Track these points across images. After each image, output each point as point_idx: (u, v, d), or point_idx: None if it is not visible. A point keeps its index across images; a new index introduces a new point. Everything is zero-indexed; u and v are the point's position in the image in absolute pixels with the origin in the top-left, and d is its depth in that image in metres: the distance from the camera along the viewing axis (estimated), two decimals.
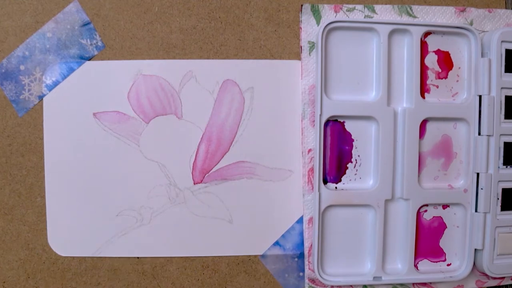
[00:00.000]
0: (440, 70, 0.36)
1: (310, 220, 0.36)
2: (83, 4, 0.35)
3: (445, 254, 0.37)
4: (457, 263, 0.37)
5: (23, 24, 0.35)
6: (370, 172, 0.36)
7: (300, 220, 0.36)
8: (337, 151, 0.36)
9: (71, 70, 0.35)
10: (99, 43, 0.35)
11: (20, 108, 0.35)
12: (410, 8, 0.36)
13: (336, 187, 0.36)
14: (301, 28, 0.36)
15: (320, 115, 0.34)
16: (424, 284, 0.37)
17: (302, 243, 0.36)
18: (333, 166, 0.36)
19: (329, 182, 0.36)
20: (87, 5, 0.35)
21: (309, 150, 0.36)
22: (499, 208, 0.36)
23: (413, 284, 0.37)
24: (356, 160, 0.36)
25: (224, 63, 0.36)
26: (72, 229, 0.36)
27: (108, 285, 0.36)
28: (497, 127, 0.35)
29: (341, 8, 0.36)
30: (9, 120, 0.35)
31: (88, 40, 0.35)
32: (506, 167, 0.36)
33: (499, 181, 0.35)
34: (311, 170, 0.36)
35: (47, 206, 0.35)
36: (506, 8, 0.37)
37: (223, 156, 0.36)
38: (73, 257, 0.36)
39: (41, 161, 0.35)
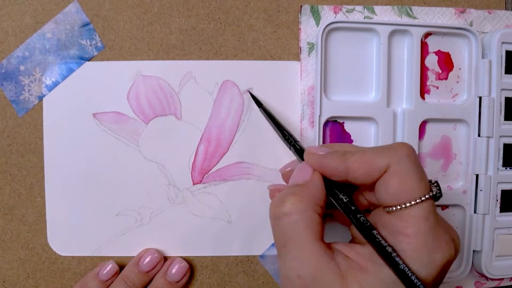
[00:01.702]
0: (440, 71, 0.36)
1: None
2: (82, 5, 0.35)
3: None
4: (456, 264, 0.37)
5: (23, 24, 0.35)
6: None
7: None
8: None
9: (71, 71, 0.35)
10: (99, 44, 0.35)
11: (20, 109, 0.35)
12: (410, 9, 0.36)
13: None
14: (300, 29, 0.36)
15: (320, 116, 0.34)
16: None
17: None
18: None
19: None
20: (87, 5, 0.35)
21: None
22: (498, 209, 0.36)
23: None
24: None
25: (223, 64, 0.36)
26: (72, 229, 0.36)
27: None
28: (496, 129, 0.35)
29: (340, 9, 0.36)
30: (9, 120, 0.35)
31: (88, 41, 0.35)
32: (506, 168, 0.36)
33: (498, 182, 0.35)
34: None
35: (47, 206, 0.36)
36: (506, 9, 0.37)
37: (222, 157, 0.36)
38: (73, 257, 0.36)
39: (41, 161, 0.35)
